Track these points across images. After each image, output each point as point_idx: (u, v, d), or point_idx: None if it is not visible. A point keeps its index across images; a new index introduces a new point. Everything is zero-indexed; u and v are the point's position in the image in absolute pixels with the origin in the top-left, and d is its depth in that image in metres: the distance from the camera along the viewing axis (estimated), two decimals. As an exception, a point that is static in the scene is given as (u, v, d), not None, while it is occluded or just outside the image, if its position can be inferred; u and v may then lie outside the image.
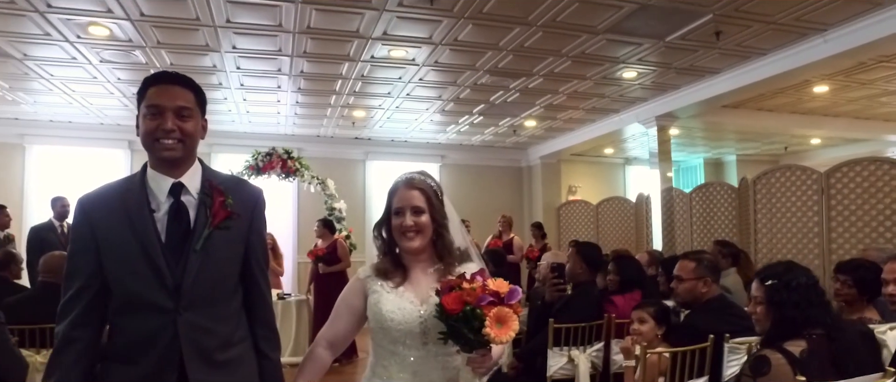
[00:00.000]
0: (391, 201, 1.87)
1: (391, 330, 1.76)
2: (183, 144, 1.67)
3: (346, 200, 8.57)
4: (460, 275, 1.69)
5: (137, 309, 1.64)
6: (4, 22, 4.99)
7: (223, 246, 1.69)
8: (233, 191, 1.75)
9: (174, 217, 1.67)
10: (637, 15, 4.84)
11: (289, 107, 8.12)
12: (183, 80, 1.74)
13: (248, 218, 1.76)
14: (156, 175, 1.69)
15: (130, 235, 1.63)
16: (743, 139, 10.85)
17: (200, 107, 1.76)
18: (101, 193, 1.72)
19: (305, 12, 4.82)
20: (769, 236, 6.82)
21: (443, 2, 4.61)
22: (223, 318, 1.71)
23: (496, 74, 6.49)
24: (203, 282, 1.65)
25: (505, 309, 1.58)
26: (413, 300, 1.79)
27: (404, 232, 1.81)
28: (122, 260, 1.63)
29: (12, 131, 8.96)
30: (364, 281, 1.86)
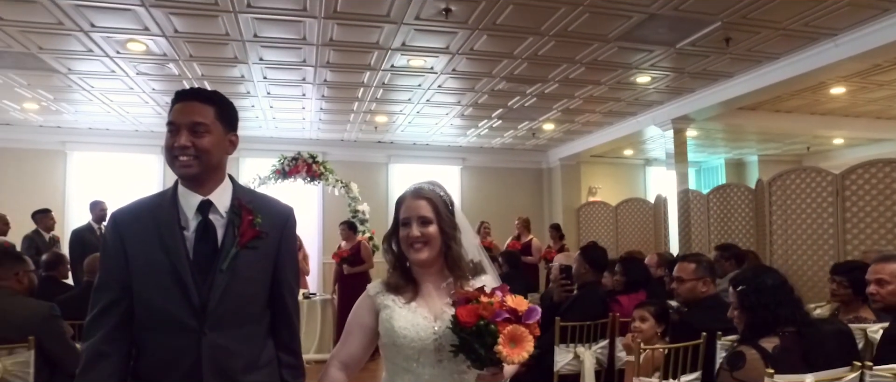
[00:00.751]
0: (398, 211, 1.81)
1: (404, 347, 1.70)
2: (198, 160, 1.64)
3: (369, 203, 8.86)
4: (479, 288, 1.63)
5: (162, 327, 1.62)
6: (52, 41, 5.36)
7: (250, 265, 1.66)
8: (262, 209, 1.71)
9: (202, 235, 1.65)
10: (646, 24, 4.99)
11: (313, 114, 8.42)
12: (203, 96, 1.70)
13: (278, 237, 1.73)
14: (185, 191, 1.68)
15: (160, 252, 1.62)
16: (764, 139, 10.83)
17: (223, 122, 1.69)
18: (133, 208, 1.72)
19: (328, 27, 5.09)
20: (784, 237, 6.88)
21: (458, 14, 4.83)
22: (249, 340, 1.67)
23: (512, 81, 6.69)
24: (229, 302, 1.62)
25: (520, 328, 1.51)
26: (426, 315, 1.72)
27: (411, 244, 1.75)
28: (149, 277, 1.62)
29: (55, 139, 9.44)
30: (374, 297, 1.80)
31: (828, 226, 6.43)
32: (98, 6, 4.60)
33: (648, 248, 8.74)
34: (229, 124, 1.72)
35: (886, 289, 2.65)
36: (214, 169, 1.68)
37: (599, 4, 4.59)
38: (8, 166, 9.32)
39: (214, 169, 1.68)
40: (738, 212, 7.72)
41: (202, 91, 1.72)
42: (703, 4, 4.62)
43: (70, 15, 4.77)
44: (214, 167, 1.68)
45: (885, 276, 2.61)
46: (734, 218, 7.75)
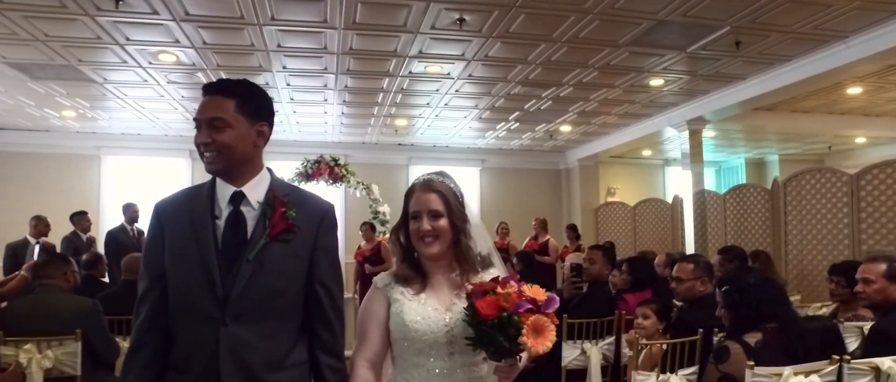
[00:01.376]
0: (408, 204, 1.77)
1: (416, 341, 1.66)
2: (220, 155, 1.63)
3: (389, 204, 9.09)
4: (494, 279, 1.62)
5: (188, 315, 1.62)
6: (91, 54, 5.69)
7: (280, 259, 1.62)
8: (298, 203, 1.68)
9: (232, 225, 1.64)
10: (656, 29, 5.12)
11: (335, 118, 8.68)
12: (224, 89, 1.66)
13: (313, 232, 1.69)
14: (221, 183, 1.68)
15: (191, 240, 1.62)
16: (784, 139, 10.80)
17: (246, 114, 1.65)
18: (173, 198, 1.74)
19: (347, 37, 5.32)
20: (799, 238, 6.93)
21: (472, 24, 5.01)
22: (274, 336, 1.62)
23: (527, 85, 6.85)
24: (253, 294, 1.59)
25: (542, 317, 1.50)
26: (437, 307, 1.70)
27: (422, 238, 1.72)
28: (179, 264, 1.63)
29: (90, 144, 9.85)
30: (383, 289, 1.77)
31: (843, 227, 6.47)
32: (133, 22, 4.89)
33: (666, 248, 8.80)
34: (255, 114, 1.67)
35: (872, 288, 2.77)
36: (242, 162, 1.65)
37: (608, 12, 4.74)
38: (47, 170, 9.76)
39: (242, 162, 1.65)
40: (754, 213, 7.76)
41: (225, 84, 1.68)
42: (710, 10, 4.73)
43: (108, 30, 5.07)
44: (241, 160, 1.65)
45: (871, 276, 2.74)
46: (750, 219, 7.80)
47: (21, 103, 7.69)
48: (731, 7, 4.69)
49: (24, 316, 3.17)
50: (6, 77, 6.49)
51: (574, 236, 8.78)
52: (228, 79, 1.72)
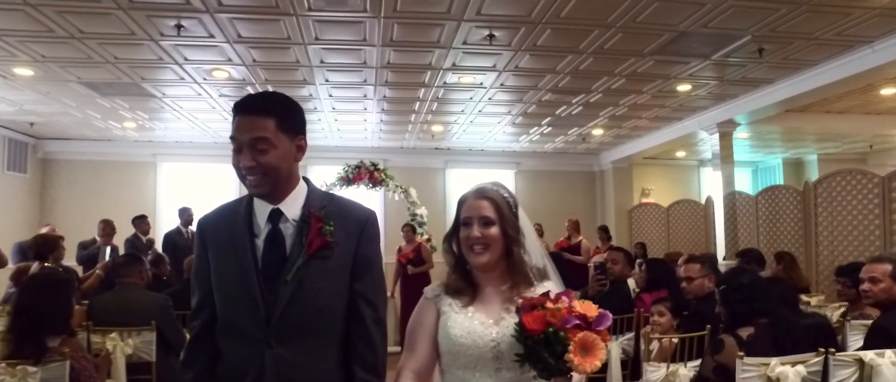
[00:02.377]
0: (460, 211, 1.74)
1: (460, 355, 1.62)
2: (267, 178, 1.58)
3: (427, 206, 9.47)
4: (544, 293, 1.56)
5: (233, 335, 1.61)
6: (153, 73, 6.24)
7: (319, 276, 1.59)
8: (336, 216, 1.64)
9: (270, 245, 1.61)
10: (678, 40, 5.33)
11: (374, 125, 9.10)
12: (260, 107, 1.60)
13: (353, 243, 1.64)
14: (259, 200, 1.65)
15: (232, 260, 1.60)
16: (822, 138, 10.72)
17: (286, 131, 1.60)
18: (214, 214, 1.72)
19: (385, 52, 5.70)
20: (830, 239, 6.99)
21: (501, 39, 5.33)
22: (318, 353, 1.60)
23: (557, 92, 7.12)
24: (294, 315, 1.56)
25: (592, 335, 1.44)
26: (484, 321, 1.64)
27: (471, 246, 1.68)
28: (222, 284, 1.62)
29: (147, 152, 10.54)
30: (433, 300, 1.74)
31: (874, 228, 6.52)
32: (192, 44, 5.37)
33: (699, 249, 8.91)
34: (294, 130, 1.63)
35: (878, 287, 2.96)
36: (285, 180, 1.62)
37: (630, 26, 4.99)
38: (108, 177, 10.49)
39: (285, 180, 1.62)
40: (786, 214, 7.83)
41: (260, 101, 1.63)
42: (729, 21, 4.92)
43: (169, 52, 5.58)
44: (284, 179, 1.62)
45: (878, 275, 2.92)
46: (783, 220, 7.87)
47: (89, 116, 8.36)
48: (749, 18, 4.88)
49: (108, 309, 3.64)
50: (78, 94, 7.12)
51: (605, 237, 8.98)
52: (262, 94, 1.67)
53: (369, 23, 4.95)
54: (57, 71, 6.17)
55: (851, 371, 2.46)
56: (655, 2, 4.52)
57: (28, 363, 2.57)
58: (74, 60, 5.82)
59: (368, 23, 4.96)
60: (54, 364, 2.64)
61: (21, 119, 8.53)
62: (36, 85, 6.72)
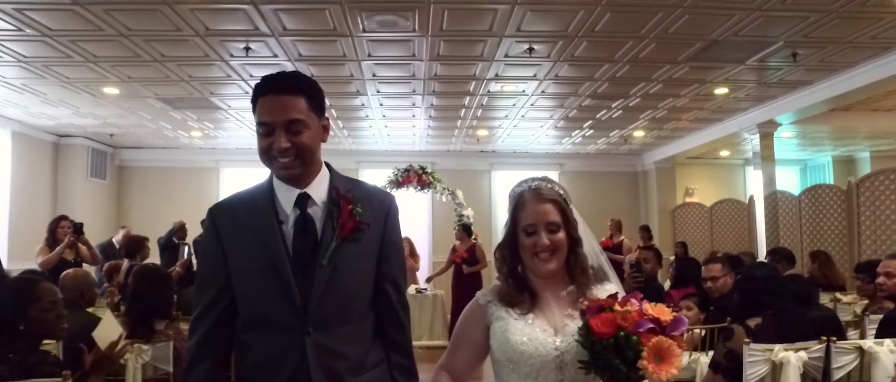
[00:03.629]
0: (517, 216, 1.62)
1: (522, 364, 1.54)
2: (300, 160, 1.53)
3: (473, 207, 9.88)
4: (612, 295, 1.49)
5: (265, 327, 1.55)
6: (221, 88, 6.87)
7: (352, 259, 1.56)
8: (362, 198, 1.60)
9: (301, 230, 1.55)
10: (711, 48, 5.57)
11: (422, 130, 9.56)
12: (291, 86, 1.55)
13: (380, 228, 1.62)
14: (281, 185, 1.59)
15: (258, 249, 1.54)
16: (874, 136, 10.57)
17: (316, 110, 1.57)
18: (229, 202, 1.67)
19: (432, 66, 6.14)
20: (873, 238, 7.03)
21: (540, 51, 5.68)
22: (355, 339, 1.58)
23: (597, 98, 7.41)
24: (331, 300, 1.53)
25: (667, 340, 1.35)
26: (546, 328, 1.56)
27: (537, 254, 1.59)
28: (249, 275, 1.55)
29: (210, 158, 11.31)
30: (485, 307, 1.65)
31: (917, 227, 6.55)
32: (258, 63, 5.93)
33: (742, 249, 8.99)
34: (321, 109, 1.60)
35: (892, 281, 3.20)
36: (313, 162, 1.58)
37: (663, 37, 5.26)
38: (175, 182, 11.30)
39: (313, 162, 1.58)
40: (830, 213, 7.85)
41: (290, 79, 1.58)
42: (760, 29, 5.13)
43: (237, 70, 6.17)
44: (313, 161, 1.58)
45: (892, 270, 3.16)
46: (826, 219, 7.90)
47: (161, 127, 9.12)
48: (780, 26, 5.08)
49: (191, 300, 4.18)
50: (154, 108, 7.84)
51: (647, 236, 9.19)
52: (285, 73, 1.60)
53: (418, 41, 5.39)
54: (139, 89, 6.86)
55: (852, 359, 2.73)
56: (685, 15, 4.79)
57: (141, 341, 3.11)
58: (154, 80, 6.49)
59: (417, 41, 5.40)
60: (161, 344, 3.16)
61: (103, 131, 9.37)
62: (119, 101, 7.45)
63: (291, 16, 4.81)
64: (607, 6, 4.62)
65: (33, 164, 9.09)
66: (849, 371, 2.72)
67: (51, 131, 9.31)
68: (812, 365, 2.69)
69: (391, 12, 4.72)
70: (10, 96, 7.10)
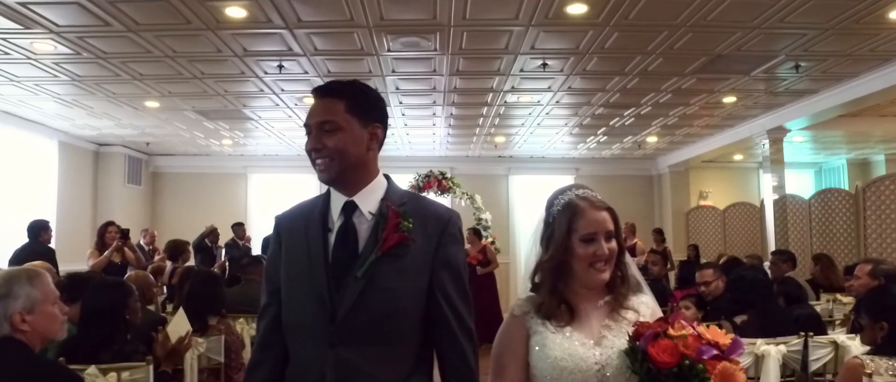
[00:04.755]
0: (574, 225, 1.56)
1: (562, 380, 1.48)
2: (332, 161, 1.52)
3: (491, 211, 10.26)
4: (661, 319, 1.44)
5: (298, 334, 1.55)
6: (254, 101, 7.34)
7: (392, 276, 1.50)
8: (416, 214, 1.55)
9: (341, 239, 1.54)
10: (716, 61, 5.87)
11: (442, 137, 9.96)
12: (333, 90, 1.57)
13: (433, 245, 1.55)
14: (335, 192, 1.59)
15: (304, 255, 1.54)
16: (889, 139, 10.71)
17: (358, 115, 1.54)
18: (292, 210, 1.68)
19: (452, 80, 6.53)
20: (879, 242, 7.24)
21: (553, 66, 6.04)
22: (388, 361, 1.50)
23: (609, 107, 7.73)
24: (363, 315, 1.48)
25: (731, 366, 1.32)
26: (585, 341, 1.51)
27: (594, 264, 1.54)
28: (291, 280, 1.56)
29: (239, 164, 11.83)
30: (522, 318, 1.59)
31: (921, 231, 6.77)
32: (289, 79, 6.37)
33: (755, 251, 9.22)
34: (367, 115, 1.57)
35: (858, 282, 3.52)
36: (355, 167, 1.55)
37: (668, 53, 5.58)
38: (205, 187, 11.83)
39: (355, 167, 1.55)
40: (839, 217, 8.06)
41: (334, 85, 1.59)
42: (761, 45, 5.42)
43: (269, 85, 6.62)
44: (354, 165, 1.55)
45: (860, 273, 3.49)
46: (835, 223, 8.11)
47: (195, 136, 9.63)
48: (780, 41, 5.37)
49: (235, 299, 4.62)
50: (189, 119, 8.34)
51: (660, 239, 9.48)
52: (338, 80, 1.62)
53: (438, 58, 5.79)
54: (177, 102, 7.36)
55: (827, 352, 3.05)
56: (689, 33, 5.12)
57: (197, 335, 3.53)
58: (193, 94, 6.97)
59: (437, 58, 5.79)
60: (214, 337, 3.59)
61: (140, 140, 9.91)
62: (158, 113, 7.96)
63: (322, 38, 5.23)
64: (615, 26, 4.96)
65: (76, 172, 9.67)
66: (825, 362, 3.04)
67: (92, 140, 9.88)
68: (791, 358, 3.02)
69: (414, 34, 5.12)
70: (60, 110, 7.64)
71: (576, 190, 1.63)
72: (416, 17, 4.77)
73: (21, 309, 1.87)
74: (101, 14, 4.53)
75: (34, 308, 1.89)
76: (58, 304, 1.97)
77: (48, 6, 4.39)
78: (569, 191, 1.63)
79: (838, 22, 4.90)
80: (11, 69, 5.87)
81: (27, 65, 5.74)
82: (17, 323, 1.87)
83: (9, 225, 7.48)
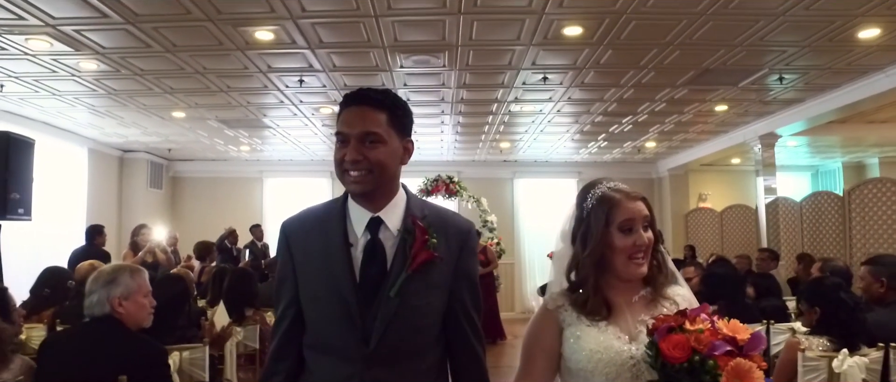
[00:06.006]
0: (611, 216, 1.55)
1: (597, 374, 1.48)
2: (372, 175, 1.48)
3: (496, 213, 10.72)
4: (680, 312, 1.41)
5: (324, 352, 1.53)
6: (274, 110, 7.84)
7: (422, 292, 1.50)
8: (438, 226, 1.54)
9: (369, 256, 1.51)
10: (704, 75, 6.32)
11: (449, 143, 10.43)
12: (373, 100, 1.51)
13: (454, 258, 1.55)
14: (355, 206, 1.55)
15: (325, 271, 1.51)
16: (882, 143, 11.07)
17: (397, 128, 1.53)
18: (301, 217, 1.63)
19: (459, 92, 7.00)
20: (863, 243, 7.65)
21: (553, 80, 6.50)
22: (415, 374, 1.52)
23: (608, 115, 8.19)
24: (396, 333, 1.47)
25: (745, 362, 1.28)
26: (620, 335, 1.51)
27: (633, 256, 1.53)
28: (314, 297, 1.53)
29: (255, 168, 12.34)
30: (555, 312, 1.58)
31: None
32: (309, 92, 6.87)
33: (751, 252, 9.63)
34: (403, 129, 1.56)
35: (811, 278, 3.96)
36: (389, 182, 1.53)
37: (659, 67, 6.03)
38: (222, 191, 12.34)
39: (389, 182, 1.53)
40: (828, 219, 8.47)
41: (373, 94, 1.53)
42: (746, 60, 5.86)
43: (289, 97, 7.12)
44: (388, 180, 1.52)
45: (813, 269, 3.93)
46: (825, 225, 8.51)
47: (215, 143, 10.15)
48: (761, 57, 5.80)
49: (266, 294, 5.11)
50: (211, 127, 8.86)
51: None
52: (374, 88, 1.56)
53: (447, 73, 6.27)
54: (203, 112, 7.87)
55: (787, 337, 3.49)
56: (676, 50, 5.57)
57: (235, 324, 4.02)
58: (218, 105, 7.48)
59: (445, 73, 6.27)
60: (250, 327, 4.08)
61: (162, 146, 10.45)
62: (182, 122, 8.48)
63: (341, 56, 5.71)
64: (608, 45, 5.42)
65: (103, 177, 10.22)
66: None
67: (118, 147, 10.43)
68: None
69: (425, 53, 5.60)
70: (93, 120, 8.18)
71: (607, 183, 1.62)
72: (428, 39, 5.25)
73: (119, 296, 2.36)
74: (145, 37, 5.03)
75: (129, 296, 2.37)
76: (148, 298, 2.46)
77: (99, 32, 4.90)
78: (600, 185, 1.61)
79: (813, 40, 5.34)
80: (56, 84, 6.40)
81: (71, 81, 6.27)
82: (115, 306, 2.36)
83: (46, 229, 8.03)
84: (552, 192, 12.00)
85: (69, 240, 7.95)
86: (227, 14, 4.63)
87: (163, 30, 4.89)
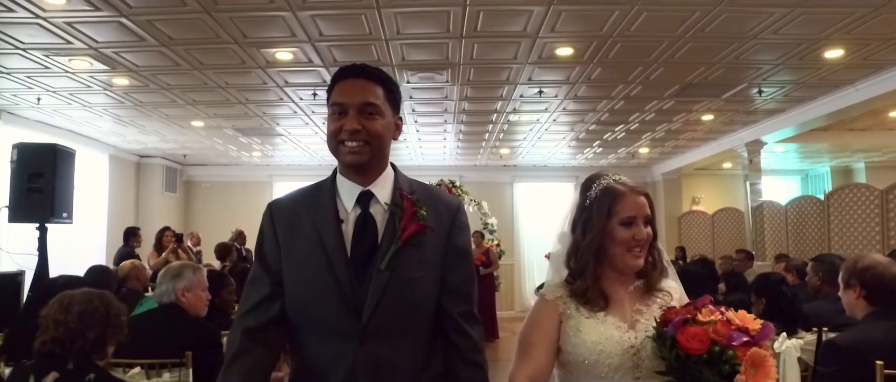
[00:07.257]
0: (614, 208, 1.58)
1: (598, 364, 1.50)
2: (369, 146, 1.49)
3: (496, 216, 11.21)
4: (688, 304, 1.44)
5: (316, 331, 1.50)
6: (287, 120, 8.35)
7: (413, 265, 1.49)
8: (427, 201, 1.55)
9: (360, 230, 1.51)
10: (688, 88, 6.81)
11: (451, 149, 10.93)
12: (370, 73, 1.53)
13: (445, 232, 1.55)
14: (344, 181, 1.55)
15: (315, 247, 1.49)
16: (868, 149, 11.52)
17: (392, 104, 1.55)
18: (289, 197, 1.63)
19: (461, 103, 7.51)
20: (841, 243, 8.13)
21: (549, 93, 7.00)
22: (412, 352, 1.51)
23: (601, 124, 8.69)
24: (388, 307, 1.46)
25: (761, 351, 1.31)
26: (619, 325, 1.54)
27: (632, 249, 1.57)
28: (303, 274, 1.50)
29: (264, 173, 12.85)
30: (554, 302, 1.60)
31: (874, 234, 7.65)
32: (322, 103, 7.36)
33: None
34: (396, 106, 1.59)
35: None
36: (382, 155, 1.55)
37: (646, 82, 6.53)
38: (233, 194, 12.84)
39: (382, 155, 1.55)
40: (810, 222, 8.94)
41: (370, 68, 1.55)
42: (725, 76, 6.35)
43: (303, 108, 7.64)
44: (382, 153, 1.55)
45: (775, 267, 4.40)
46: (808, 228, 8.99)
47: (228, 149, 10.67)
48: (740, 73, 6.29)
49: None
50: (227, 135, 9.37)
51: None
52: (365, 63, 1.58)
53: (449, 87, 6.77)
54: (220, 122, 8.39)
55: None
56: (660, 67, 6.06)
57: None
58: (234, 115, 8.00)
59: (448, 88, 6.78)
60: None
61: (178, 152, 10.97)
62: (200, 130, 9.00)
63: (353, 73, 6.21)
64: (598, 63, 5.92)
65: (122, 182, 10.74)
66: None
67: (136, 153, 10.95)
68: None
69: (430, 71, 6.11)
70: (115, 128, 8.69)
71: (613, 175, 1.65)
72: (432, 58, 5.75)
73: (183, 287, 2.86)
74: (175, 57, 5.55)
75: (191, 288, 2.88)
76: (206, 292, 2.96)
77: (134, 52, 5.41)
78: (606, 177, 1.65)
79: (785, 59, 5.83)
80: (88, 98, 6.92)
81: (102, 94, 6.79)
82: (178, 296, 2.86)
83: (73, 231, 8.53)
84: (550, 196, 12.51)
85: (94, 241, 8.46)
86: (253, 37, 5.14)
87: (193, 51, 5.40)
